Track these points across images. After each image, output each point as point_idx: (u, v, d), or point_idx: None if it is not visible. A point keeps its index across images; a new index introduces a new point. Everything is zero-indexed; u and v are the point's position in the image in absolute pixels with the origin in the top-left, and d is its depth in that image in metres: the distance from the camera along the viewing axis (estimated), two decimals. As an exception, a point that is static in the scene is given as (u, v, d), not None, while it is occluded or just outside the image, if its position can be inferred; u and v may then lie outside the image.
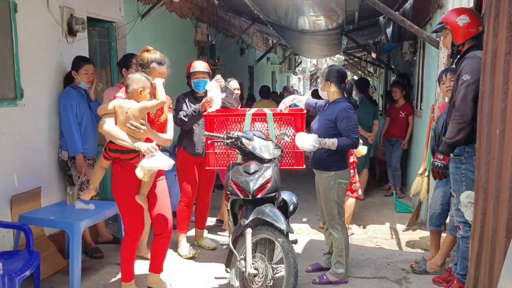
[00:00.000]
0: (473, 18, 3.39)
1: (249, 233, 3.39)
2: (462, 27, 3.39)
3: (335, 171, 3.81)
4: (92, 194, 3.65)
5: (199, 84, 4.47)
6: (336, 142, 3.70)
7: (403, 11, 8.75)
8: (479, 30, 3.35)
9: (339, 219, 3.90)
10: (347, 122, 3.73)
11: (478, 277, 2.84)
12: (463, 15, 3.40)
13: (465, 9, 3.64)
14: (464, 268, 3.40)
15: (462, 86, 3.24)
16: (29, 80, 4.16)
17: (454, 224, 3.64)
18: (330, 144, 3.70)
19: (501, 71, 2.47)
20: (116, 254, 4.63)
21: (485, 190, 2.75)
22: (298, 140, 3.73)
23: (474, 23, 3.37)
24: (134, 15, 6.06)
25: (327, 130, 3.79)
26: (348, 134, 3.71)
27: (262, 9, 7.74)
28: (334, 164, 3.80)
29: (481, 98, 2.90)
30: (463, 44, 3.43)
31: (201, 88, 4.48)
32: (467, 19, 3.38)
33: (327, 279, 3.93)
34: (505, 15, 2.42)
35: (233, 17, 11.29)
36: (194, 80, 4.47)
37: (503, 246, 2.35)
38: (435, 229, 4.19)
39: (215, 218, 5.75)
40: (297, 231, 5.14)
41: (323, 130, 3.81)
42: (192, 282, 4.06)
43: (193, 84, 4.49)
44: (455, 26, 3.42)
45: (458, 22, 3.41)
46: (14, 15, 4.00)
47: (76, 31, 4.79)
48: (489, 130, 2.70)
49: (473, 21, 3.37)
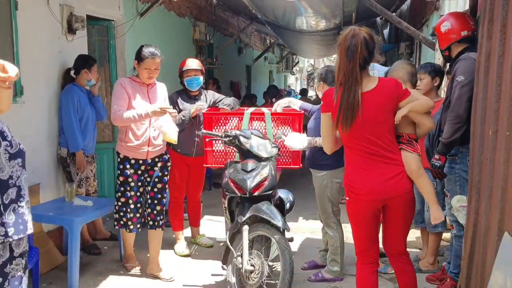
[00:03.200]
0: (456, 24, 3.40)
1: (246, 230, 3.43)
2: (443, 33, 3.46)
3: (328, 170, 3.85)
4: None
5: (192, 82, 4.46)
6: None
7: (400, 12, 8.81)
8: (461, 35, 3.37)
9: (334, 217, 3.94)
10: None
11: (470, 275, 2.89)
12: (446, 22, 3.45)
13: (453, 14, 3.65)
14: (457, 267, 3.45)
15: (456, 87, 3.28)
16: (29, 77, 4.19)
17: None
18: (321, 142, 3.75)
19: (495, 73, 2.52)
20: (113, 251, 4.66)
21: (478, 190, 2.80)
22: (287, 140, 3.78)
23: (455, 29, 3.39)
24: (133, 14, 6.09)
25: (319, 129, 3.84)
26: None
27: (260, 9, 7.78)
28: (327, 163, 3.84)
29: (475, 100, 2.95)
30: (448, 49, 3.48)
31: (194, 86, 4.48)
32: (449, 26, 3.41)
33: (322, 277, 3.98)
34: (499, 18, 2.47)
35: (231, 16, 11.32)
36: (187, 78, 4.46)
37: (494, 244, 2.40)
38: (419, 226, 4.30)
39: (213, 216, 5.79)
40: (293, 229, 5.17)
41: (316, 130, 3.86)
42: (188, 278, 4.09)
43: (185, 82, 4.48)
44: (439, 33, 3.50)
45: (441, 29, 3.47)
46: (15, 13, 4.03)
47: (76, 29, 4.82)
48: (482, 131, 2.74)
49: (454, 27, 3.39)
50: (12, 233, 2.04)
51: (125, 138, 3.88)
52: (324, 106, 2.89)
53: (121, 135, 3.93)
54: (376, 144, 2.75)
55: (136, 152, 3.90)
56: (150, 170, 4.02)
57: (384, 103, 2.75)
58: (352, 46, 2.66)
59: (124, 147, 3.90)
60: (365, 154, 2.77)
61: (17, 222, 2.07)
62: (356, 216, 2.89)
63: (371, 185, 2.75)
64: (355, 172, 2.81)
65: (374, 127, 2.74)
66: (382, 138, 2.76)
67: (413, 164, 2.81)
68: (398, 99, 2.78)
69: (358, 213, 2.86)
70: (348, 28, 2.77)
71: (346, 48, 2.68)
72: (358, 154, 2.78)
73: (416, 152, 2.84)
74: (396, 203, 2.80)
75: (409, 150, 2.82)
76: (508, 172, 2.28)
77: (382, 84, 2.77)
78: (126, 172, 3.92)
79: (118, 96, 3.83)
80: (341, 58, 2.72)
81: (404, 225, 2.93)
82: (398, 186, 2.77)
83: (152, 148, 3.93)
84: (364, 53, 2.68)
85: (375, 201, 2.79)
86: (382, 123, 2.76)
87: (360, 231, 2.92)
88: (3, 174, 2.07)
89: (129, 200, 3.94)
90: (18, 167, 2.14)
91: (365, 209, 2.83)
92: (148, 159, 3.96)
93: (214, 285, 3.99)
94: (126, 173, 3.92)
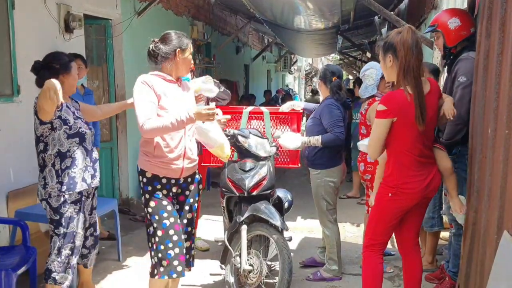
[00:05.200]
0: (464, 20, 3.38)
1: (244, 230, 3.42)
2: (453, 30, 3.38)
3: (323, 169, 3.86)
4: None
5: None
6: (320, 139, 3.76)
7: (398, 11, 8.80)
8: (470, 32, 3.35)
9: (330, 216, 3.94)
10: (329, 117, 3.78)
11: (469, 274, 2.89)
12: (454, 18, 3.39)
13: (456, 10, 3.63)
14: (456, 266, 3.45)
15: (458, 88, 3.26)
16: (26, 76, 4.13)
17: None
18: (315, 141, 3.76)
19: (494, 72, 2.51)
20: (111, 251, 4.65)
21: (477, 189, 2.79)
22: (281, 140, 3.78)
23: (465, 26, 3.36)
24: (131, 13, 6.07)
25: (314, 128, 3.87)
26: (332, 129, 3.76)
27: (258, 8, 7.77)
28: (321, 163, 3.85)
29: (473, 98, 2.95)
30: (455, 47, 3.43)
31: None
32: (458, 22, 3.37)
33: (321, 276, 3.98)
34: (498, 16, 2.46)
35: (229, 15, 11.30)
36: None
37: (494, 243, 2.39)
38: None
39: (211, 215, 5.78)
40: (291, 228, 5.17)
41: (312, 129, 3.88)
42: (187, 278, 4.08)
43: None
44: (446, 29, 3.41)
45: (449, 25, 3.40)
46: (12, 12, 4.02)
47: (73, 28, 4.81)
48: (481, 129, 2.74)
49: (464, 23, 3.36)
50: (65, 189, 3.05)
51: (154, 152, 2.93)
52: (389, 112, 2.76)
53: (147, 147, 2.97)
54: (427, 146, 2.86)
55: (168, 168, 2.97)
56: (181, 194, 3.13)
57: (437, 104, 2.87)
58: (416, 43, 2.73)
59: (153, 163, 2.95)
60: (418, 157, 2.83)
61: (69, 182, 3.06)
62: (395, 211, 2.93)
63: (420, 186, 2.84)
64: (408, 176, 2.85)
65: (429, 129, 2.83)
66: (430, 139, 2.88)
67: (447, 162, 2.95)
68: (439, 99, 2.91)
69: (400, 208, 2.92)
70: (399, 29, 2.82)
71: (409, 46, 2.71)
72: (413, 158, 2.83)
73: (444, 149, 2.97)
74: (428, 198, 2.96)
75: (441, 148, 2.95)
76: (507, 171, 2.27)
77: (434, 86, 2.87)
78: (158, 195, 2.97)
79: (146, 98, 2.85)
80: (405, 58, 2.72)
81: (422, 217, 3.11)
82: (435, 184, 2.90)
83: (188, 163, 3.03)
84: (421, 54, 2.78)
85: (419, 198, 2.88)
86: (434, 124, 2.89)
87: (389, 227, 2.99)
88: (63, 148, 3.04)
89: (169, 230, 2.93)
90: (75, 144, 3.08)
91: (406, 207, 2.91)
92: (181, 179, 3.06)
93: (212, 284, 3.98)
94: (157, 196, 2.97)
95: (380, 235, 3.01)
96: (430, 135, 2.87)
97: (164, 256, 2.91)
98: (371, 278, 3.02)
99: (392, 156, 2.90)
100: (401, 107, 2.74)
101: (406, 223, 3.03)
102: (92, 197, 3.38)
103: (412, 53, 2.71)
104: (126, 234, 5.19)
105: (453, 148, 3.36)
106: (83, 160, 3.13)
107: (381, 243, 3.02)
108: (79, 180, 3.10)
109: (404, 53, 2.72)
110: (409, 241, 3.07)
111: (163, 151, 2.92)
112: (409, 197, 2.87)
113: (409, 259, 3.09)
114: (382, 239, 3.02)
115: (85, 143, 3.14)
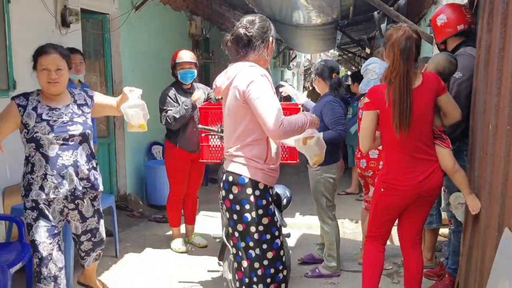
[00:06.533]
0: (451, 18, 3.35)
1: (242, 226, 3.39)
2: (439, 27, 3.42)
3: (322, 166, 3.82)
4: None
5: (186, 75, 4.32)
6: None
7: (398, 6, 8.76)
8: (457, 29, 3.33)
9: (329, 212, 3.92)
10: (331, 114, 3.75)
11: (469, 271, 2.87)
12: (442, 14, 3.40)
13: (448, 6, 3.58)
14: (455, 263, 3.43)
15: (454, 84, 3.24)
16: (22, 71, 4.11)
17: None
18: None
19: (495, 67, 2.49)
20: (108, 247, 4.61)
21: (477, 185, 2.77)
22: None
23: (452, 23, 3.35)
24: (128, 7, 6.02)
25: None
26: (333, 126, 3.74)
27: (256, 3, 7.71)
28: None
29: (474, 94, 2.92)
30: (444, 43, 3.45)
31: (188, 79, 4.35)
32: (444, 19, 3.37)
33: (320, 273, 3.96)
34: (499, 11, 2.43)
35: (227, 11, 11.25)
36: (181, 71, 4.32)
37: (494, 240, 2.38)
38: None
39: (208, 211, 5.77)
40: (290, 225, 5.15)
41: None
42: (185, 275, 4.06)
43: (179, 75, 4.33)
44: (435, 25, 3.45)
45: (437, 22, 3.43)
46: (7, 6, 3.98)
47: (70, 23, 4.77)
48: (482, 125, 2.72)
49: (451, 20, 3.35)
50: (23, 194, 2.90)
51: (267, 158, 2.56)
52: (371, 104, 2.86)
53: (258, 152, 2.54)
54: (423, 142, 2.82)
55: (275, 177, 2.65)
56: None
57: (432, 99, 2.80)
58: (407, 48, 2.72)
59: (266, 172, 2.56)
60: (412, 153, 2.81)
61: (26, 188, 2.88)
62: (387, 206, 2.94)
63: (413, 182, 2.82)
64: (400, 172, 2.84)
65: (423, 125, 2.80)
66: (426, 135, 2.83)
67: (449, 161, 2.88)
68: (438, 94, 2.82)
69: (392, 204, 2.92)
70: (398, 27, 2.82)
71: (400, 49, 2.72)
72: (406, 154, 2.81)
73: (449, 147, 2.90)
74: (427, 197, 2.90)
75: (442, 146, 2.89)
76: (508, 167, 2.25)
77: (427, 80, 2.81)
78: (271, 209, 2.58)
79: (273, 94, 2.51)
80: (395, 59, 2.75)
81: (426, 216, 3.06)
82: (434, 182, 2.85)
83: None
84: (416, 53, 2.77)
85: (413, 196, 2.86)
86: (428, 119, 2.82)
87: (384, 221, 3.00)
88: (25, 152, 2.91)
89: (280, 251, 2.61)
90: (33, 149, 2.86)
91: (399, 203, 2.91)
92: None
93: (210, 281, 3.96)
94: (271, 211, 2.58)
95: (378, 228, 3.04)
96: (425, 131, 2.82)
97: (273, 280, 2.56)
98: (371, 267, 3.05)
99: (384, 150, 2.96)
100: (378, 100, 2.81)
101: (406, 221, 3.02)
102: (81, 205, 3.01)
103: (401, 55, 2.72)
104: (124, 230, 5.16)
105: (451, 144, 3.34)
106: (41, 167, 2.82)
107: (381, 235, 3.05)
108: (35, 187, 2.83)
109: (391, 53, 2.77)
110: (410, 240, 3.06)
111: (273, 157, 2.58)
112: (400, 194, 2.86)
113: (410, 258, 3.07)
114: (380, 232, 3.05)
115: (42, 149, 2.81)
